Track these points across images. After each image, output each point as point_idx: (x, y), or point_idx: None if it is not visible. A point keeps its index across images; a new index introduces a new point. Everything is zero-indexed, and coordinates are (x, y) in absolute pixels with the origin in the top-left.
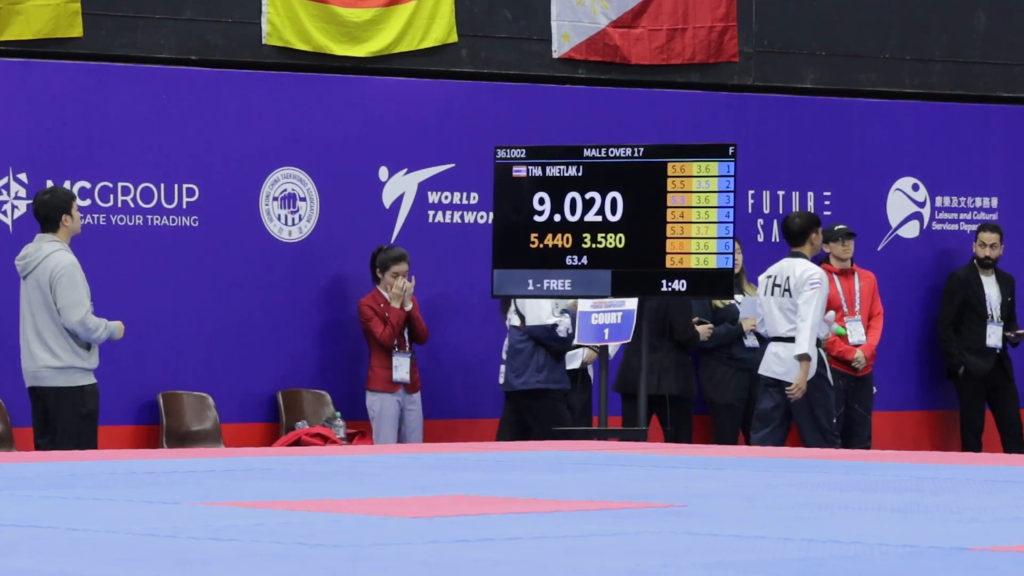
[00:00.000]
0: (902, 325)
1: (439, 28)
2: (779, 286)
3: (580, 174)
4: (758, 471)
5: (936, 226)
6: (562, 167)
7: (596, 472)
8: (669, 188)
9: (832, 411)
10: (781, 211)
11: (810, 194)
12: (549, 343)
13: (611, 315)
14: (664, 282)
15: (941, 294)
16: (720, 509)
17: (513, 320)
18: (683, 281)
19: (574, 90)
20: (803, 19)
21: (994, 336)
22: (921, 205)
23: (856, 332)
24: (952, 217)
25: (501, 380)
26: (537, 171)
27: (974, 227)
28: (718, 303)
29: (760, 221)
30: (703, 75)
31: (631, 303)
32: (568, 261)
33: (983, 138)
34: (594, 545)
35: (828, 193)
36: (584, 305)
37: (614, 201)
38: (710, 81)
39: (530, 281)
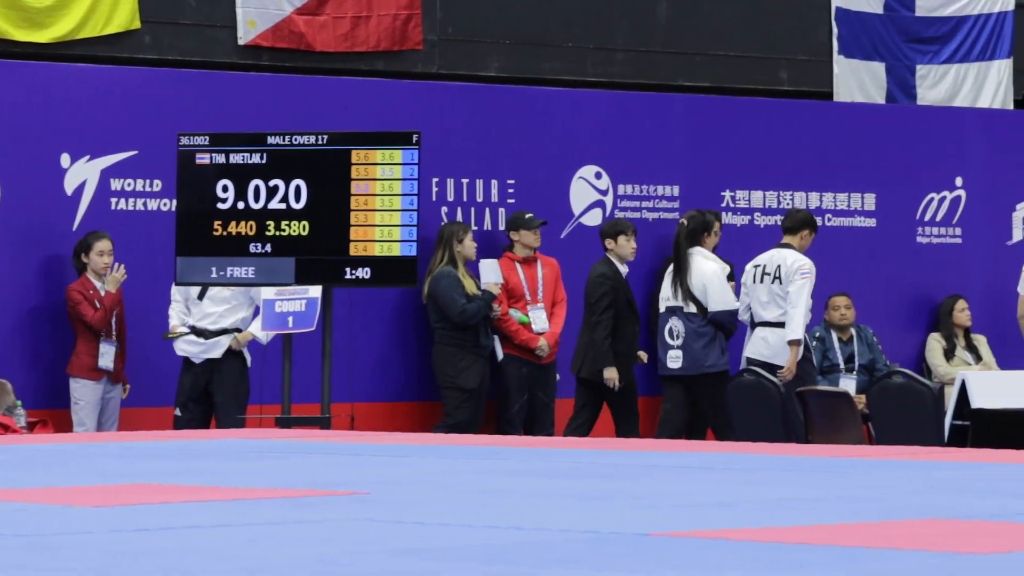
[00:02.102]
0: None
1: (122, 14)
2: (768, 274)
3: (264, 161)
4: (442, 458)
5: (619, 214)
6: (246, 154)
7: (280, 460)
8: (353, 176)
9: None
10: (465, 199)
11: (494, 182)
12: (730, 327)
13: (295, 303)
14: (348, 270)
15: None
16: (404, 496)
17: (689, 307)
18: (367, 269)
19: (259, 77)
20: (487, 7)
21: None
22: (604, 193)
23: (539, 320)
24: (634, 205)
25: (676, 365)
26: (221, 158)
27: (656, 215)
28: (472, 289)
29: (444, 209)
30: (387, 63)
31: (315, 291)
32: (252, 248)
33: (665, 127)
34: (277, 533)
35: (512, 181)
36: (268, 293)
37: (298, 189)
38: (395, 69)
39: (213, 269)
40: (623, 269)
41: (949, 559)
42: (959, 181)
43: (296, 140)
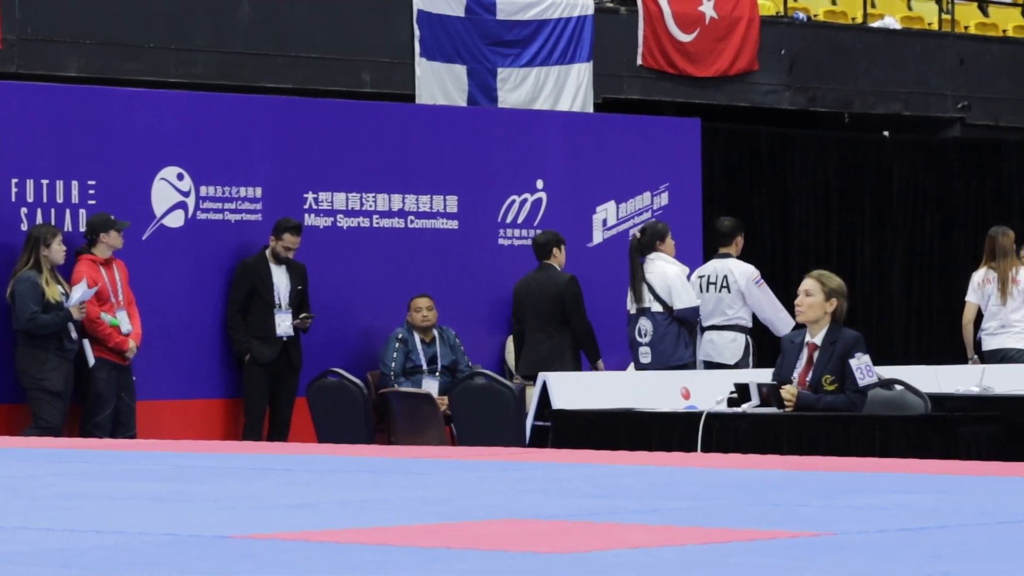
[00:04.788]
0: (183, 313)
1: None
2: (713, 284)
3: None
4: (21, 462)
5: (201, 215)
6: None
7: None
8: None
9: None
10: (45, 200)
11: (75, 183)
12: (694, 322)
13: None
14: None
15: (229, 281)
16: None
17: (655, 307)
18: None
19: None
20: (67, 7)
21: (283, 325)
22: (186, 195)
23: (125, 321)
24: (217, 207)
25: (646, 360)
26: None
27: (239, 216)
28: (55, 296)
29: (24, 210)
30: None
31: None
32: None
33: (247, 128)
34: None
35: (93, 182)
36: None
37: None
38: None
39: None
40: None
41: (528, 559)
42: (540, 183)
43: None
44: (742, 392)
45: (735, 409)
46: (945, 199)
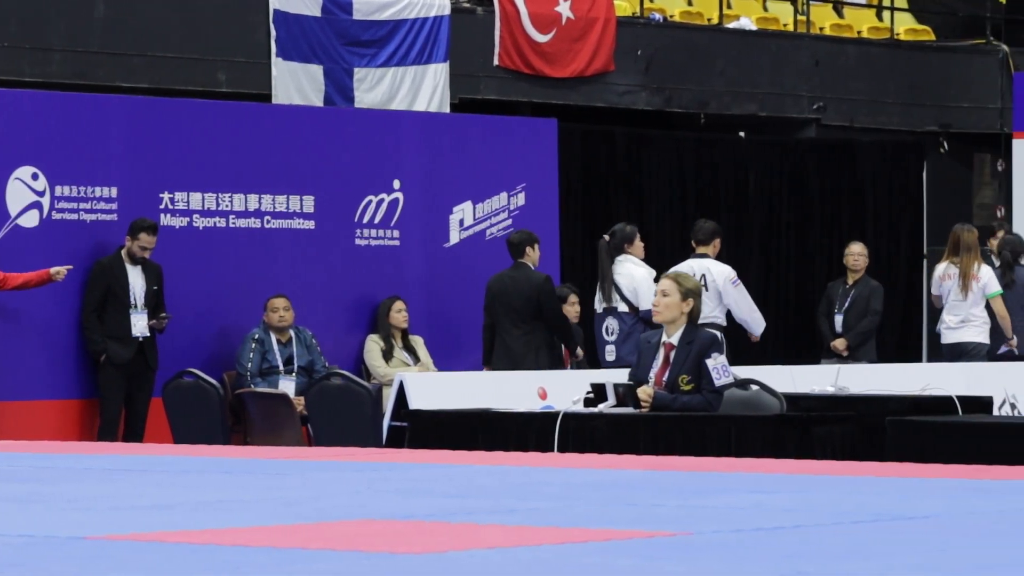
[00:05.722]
0: (37, 313)
1: None
2: None
3: None
4: None
5: (56, 215)
6: None
7: None
8: None
9: None
10: None
11: None
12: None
13: None
14: None
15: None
16: None
17: (622, 307)
18: None
19: None
20: None
21: (139, 325)
22: (41, 194)
23: None
24: (72, 207)
25: (612, 358)
26: None
27: (94, 216)
28: None
29: None
30: None
31: None
32: None
33: (103, 128)
34: None
35: None
36: None
37: None
38: None
39: None
40: None
41: (384, 559)
42: (397, 183)
43: None
44: (598, 392)
45: (591, 409)
46: (800, 199)
